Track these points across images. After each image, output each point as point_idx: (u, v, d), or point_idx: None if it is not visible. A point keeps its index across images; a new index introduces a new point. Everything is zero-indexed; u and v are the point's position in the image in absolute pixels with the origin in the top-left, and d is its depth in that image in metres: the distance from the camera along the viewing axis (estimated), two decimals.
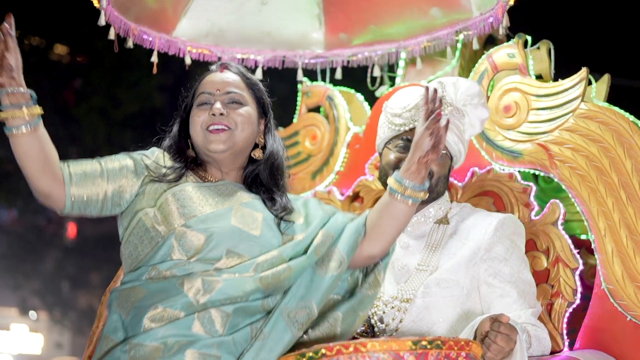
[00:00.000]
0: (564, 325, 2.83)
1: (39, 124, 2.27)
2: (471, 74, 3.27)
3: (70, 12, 8.80)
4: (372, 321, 2.77)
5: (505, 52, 3.19)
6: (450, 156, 2.86)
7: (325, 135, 3.70)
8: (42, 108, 2.29)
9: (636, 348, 2.74)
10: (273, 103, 2.67)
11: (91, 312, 11.75)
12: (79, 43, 10.24)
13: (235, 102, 2.53)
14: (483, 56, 3.26)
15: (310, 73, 3.80)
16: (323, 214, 2.54)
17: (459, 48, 3.47)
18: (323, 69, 3.76)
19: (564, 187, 2.97)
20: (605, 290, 2.80)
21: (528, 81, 3.11)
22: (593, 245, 2.86)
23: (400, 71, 3.64)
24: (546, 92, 3.06)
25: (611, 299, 2.78)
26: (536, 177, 3.26)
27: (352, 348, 2.08)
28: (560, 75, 3.11)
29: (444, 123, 2.41)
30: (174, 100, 2.69)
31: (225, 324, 2.28)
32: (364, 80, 3.78)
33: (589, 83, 3.02)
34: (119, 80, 9.88)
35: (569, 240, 2.90)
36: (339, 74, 3.67)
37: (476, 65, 3.27)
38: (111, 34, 3.22)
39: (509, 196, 3.04)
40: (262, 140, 2.59)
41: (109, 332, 2.32)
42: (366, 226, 2.50)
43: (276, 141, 2.61)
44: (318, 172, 3.67)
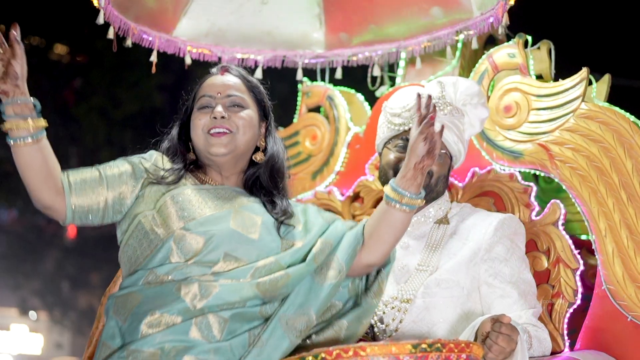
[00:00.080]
0: (565, 326, 2.82)
1: (43, 135, 2.26)
2: (471, 74, 3.27)
3: (70, 12, 8.80)
4: (372, 321, 2.76)
5: (505, 52, 3.19)
6: (450, 156, 2.86)
7: (326, 135, 3.69)
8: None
9: (637, 348, 2.74)
10: (273, 103, 2.67)
11: (91, 312, 11.74)
12: (78, 43, 10.25)
13: (237, 105, 2.52)
14: (483, 56, 3.26)
15: (310, 73, 3.80)
16: (322, 222, 2.54)
17: (459, 48, 3.47)
18: (323, 69, 3.76)
19: (564, 188, 2.97)
20: (606, 290, 2.79)
21: (528, 81, 3.11)
22: (594, 245, 2.86)
23: (400, 71, 3.63)
24: (547, 92, 3.05)
25: (612, 300, 2.78)
26: (536, 178, 3.26)
27: (352, 352, 2.07)
28: (560, 75, 3.11)
29: (438, 128, 2.41)
30: (174, 100, 2.69)
31: (222, 330, 2.27)
32: (364, 80, 3.77)
33: (590, 83, 3.02)
34: (119, 80, 9.89)
35: (570, 241, 2.89)
36: (339, 73, 3.67)
37: (476, 65, 3.27)
38: (110, 34, 3.22)
39: (509, 196, 3.04)
40: (263, 143, 2.58)
41: (106, 339, 2.31)
42: (364, 235, 2.50)
43: (277, 144, 2.60)
44: (318, 172, 3.67)
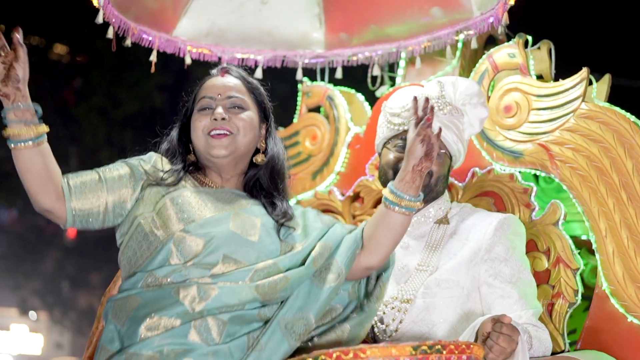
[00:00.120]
0: (565, 326, 2.82)
1: (44, 139, 2.25)
2: (472, 74, 3.26)
3: (70, 12, 8.80)
4: (372, 322, 2.76)
5: (505, 52, 3.19)
6: (449, 156, 2.86)
7: (326, 135, 3.69)
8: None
9: (637, 349, 2.74)
10: (273, 103, 2.67)
11: (91, 312, 11.74)
12: (78, 43, 10.25)
13: (237, 107, 2.52)
14: (484, 56, 3.25)
15: (310, 73, 3.80)
16: (321, 226, 2.53)
17: (459, 48, 3.47)
18: (323, 69, 3.76)
19: (564, 188, 2.96)
20: (606, 291, 2.79)
21: (529, 81, 3.11)
22: (594, 245, 2.85)
23: (400, 71, 3.63)
24: (547, 92, 3.05)
25: (612, 300, 2.77)
26: (537, 178, 3.25)
27: (352, 354, 2.06)
28: (561, 75, 3.11)
29: (436, 129, 2.41)
30: (174, 100, 2.68)
31: (221, 333, 2.27)
32: (364, 80, 3.77)
33: (590, 83, 3.01)
34: (119, 80, 9.89)
35: (570, 241, 2.89)
36: (340, 73, 3.67)
37: (477, 65, 3.27)
38: (109, 33, 3.21)
39: (509, 196, 3.04)
40: (264, 145, 2.58)
41: (105, 343, 2.31)
42: (363, 237, 2.50)
43: (277, 145, 2.60)
44: (318, 173, 3.66)
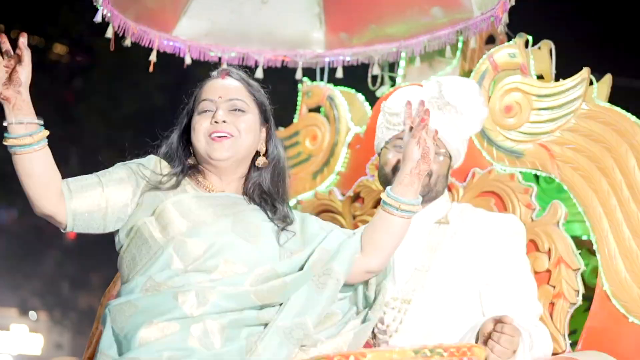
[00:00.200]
0: (566, 327, 2.82)
1: (44, 143, 2.24)
2: (472, 74, 3.26)
3: (70, 12, 8.80)
4: None
5: (506, 52, 3.18)
6: (449, 155, 2.85)
7: (326, 135, 3.69)
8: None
9: (638, 349, 2.74)
10: (273, 103, 2.66)
11: (91, 313, 11.69)
12: (78, 42, 10.24)
13: (238, 110, 2.50)
14: (484, 56, 3.25)
15: (310, 73, 3.79)
16: (320, 232, 2.53)
17: (459, 48, 3.46)
18: (322, 69, 3.75)
19: (565, 188, 2.96)
20: (608, 291, 2.79)
21: (529, 81, 3.10)
22: (595, 246, 2.85)
23: (400, 71, 3.63)
24: (547, 92, 3.05)
25: (613, 300, 2.77)
26: (537, 178, 3.25)
27: (353, 358, 2.06)
28: (561, 75, 3.10)
29: (432, 132, 2.40)
30: (174, 100, 2.67)
31: (221, 337, 2.26)
32: (364, 80, 3.77)
33: (591, 83, 3.01)
34: (119, 80, 9.88)
35: (571, 241, 2.89)
36: (340, 73, 3.66)
37: (477, 65, 3.26)
38: (109, 33, 3.20)
39: (510, 197, 3.03)
40: (264, 147, 2.57)
41: (104, 349, 2.30)
42: (362, 242, 2.49)
43: (278, 148, 2.59)
44: (319, 173, 3.66)
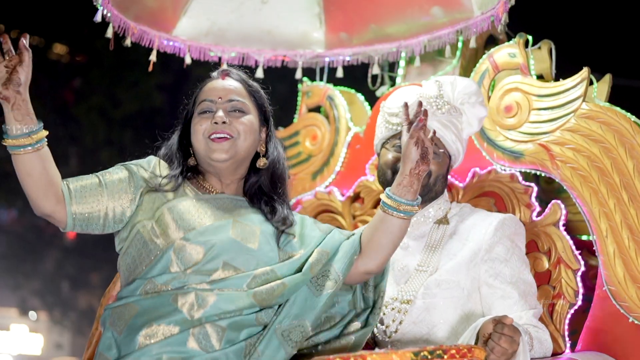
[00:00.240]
0: (566, 327, 2.82)
1: (43, 143, 2.24)
2: (472, 74, 3.26)
3: (70, 12, 8.79)
4: None
5: (506, 52, 3.18)
6: (448, 155, 2.85)
7: (326, 135, 3.69)
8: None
9: (638, 350, 2.73)
10: (273, 103, 2.66)
11: (91, 313, 11.73)
12: (78, 42, 10.24)
13: (238, 111, 2.50)
14: (484, 56, 3.25)
15: (310, 73, 3.79)
16: (319, 234, 2.53)
17: (459, 48, 3.46)
18: (322, 69, 3.75)
19: (565, 188, 2.96)
20: (607, 291, 2.79)
21: (529, 81, 3.10)
22: (595, 246, 2.85)
23: (400, 71, 3.63)
24: (547, 92, 3.05)
25: (613, 301, 2.77)
26: (537, 178, 3.25)
27: None
28: (561, 75, 3.10)
29: (430, 132, 2.40)
30: (174, 100, 2.67)
31: (221, 339, 2.27)
32: (364, 80, 3.77)
33: (591, 83, 3.01)
34: (119, 79, 9.88)
35: (571, 241, 2.88)
36: (341, 72, 3.66)
37: (477, 65, 3.27)
38: (109, 33, 3.20)
39: (510, 197, 3.03)
40: (264, 149, 2.57)
41: (103, 350, 2.31)
42: (362, 242, 2.49)
43: (277, 149, 2.59)
44: (318, 173, 3.66)
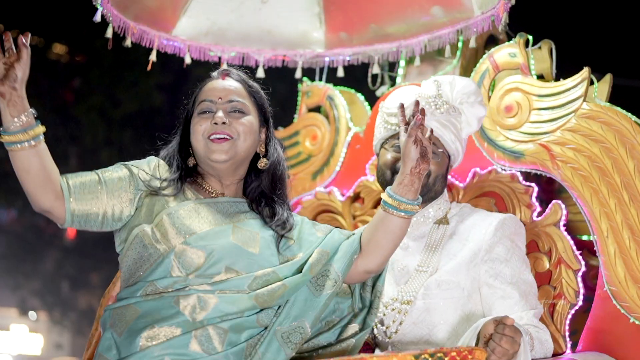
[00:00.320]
0: (566, 327, 2.81)
1: (40, 139, 2.23)
2: (472, 74, 3.25)
3: (69, 12, 8.79)
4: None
5: (506, 52, 3.18)
6: (447, 155, 2.85)
7: (326, 135, 3.68)
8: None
9: (639, 350, 2.73)
10: (273, 103, 2.65)
11: (91, 313, 11.73)
12: (77, 42, 10.24)
13: (238, 111, 2.50)
14: (484, 56, 3.25)
15: (310, 73, 3.79)
16: (318, 236, 2.53)
17: (460, 48, 3.46)
18: (322, 68, 3.75)
19: (565, 188, 2.95)
20: (608, 291, 2.78)
21: (529, 81, 3.10)
22: (595, 246, 2.84)
23: (400, 71, 3.62)
24: (548, 92, 3.04)
25: (614, 301, 2.76)
26: (538, 178, 3.24)
27: None
28: (562, 75, 3.09)
29: (428, 131, 2.40)
30: (173, 100, 2.67)
31: (223, 341, 2.27)
32: (364, 80, 3.76)
33: (591, 83, 3.00)
34: (118, 79, 9.87)
35: (571, 242, 2.88)
36: (341, 72, 3.66)
37: (477, 64, 3.26)
38: (108, 33, 3.19)
39: (510, 197, 3.03)
40: (263, 149, 2.56)
41: (102, 351, 2.30)
42: (362, 242, 2.49)
43: (277, 150, 2.59)
44: (318, 173, 3.65)
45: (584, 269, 2.86)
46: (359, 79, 3.86)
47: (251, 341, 2.31)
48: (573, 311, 2.82)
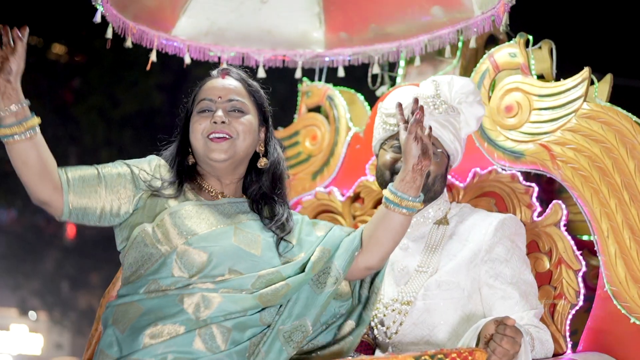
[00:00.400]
0: (567, 327, 2.81)
1: (36, 131, 2.24)
2: (472, 74, 3.25)
3: (69, 12, 8.79)
4: (373, 324, 2.75)
5: (506, 52, 3.17)
6: (447, 155, 2.84)
7: (326, 135, 3.68)
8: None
9: (639, 350, 2.72)
10: (273, 103, 2.65)
11: (91, 313, 11.74)
12: (77, 42, 10.24)
13: (237, 110, 2.50)
14: (484, 56, 3.24)
15: (310, 73, 3.78)
16: (318, 235, 2.54)
17: (460, 48, 3.45)
18: (322, 68, 3.74)
19: (566, 188, 2.95)
20: (609, 292, 2.78)
21: (530, 81, 3.09)
22: (596, 246, 2.84)
23: (400, 71, 3.62)
24: (548, 92, 3.04)
25: (614, 301, 2.76)
26: (538, 178, 3.24)
27: None
28: (562, 75, 3.09)
29: (427, 129, 2.40)
30: (173, 100, 2.67)
31: (226, 340, 2.28)
32: (364, 80, 3.76)
33: (591, 83, 3.00)
34: (118, 79, 9.88)
35: (572, 242, 2.88)
36: (342, 72, 3.65)
37: (477, 64, 3.25)
38: (109, 34, 3.19)
39: (510, 197, 3.02)
40: (263, 149, 2.56)
41: (104, 347, 2.30)
42: (363, 238, 2.49)
43: (277, 150, 2.59)
44: (318, 173, 3.65)
45: (584, 269, 2.85)
46: (359, 79, 3.86)
47: (254, 340, 2.32)
48: (573, 311, 2.82)
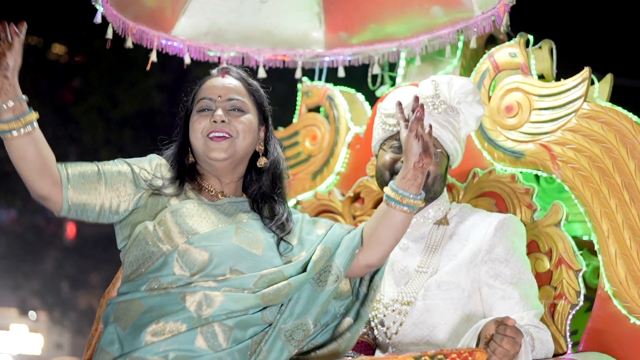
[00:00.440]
0: (567, 328, 2.81)
1: (34, 127, 2.23)
2: (473, 74, 3.25)
3: (69, 12, 8.78)
4: (373, 324, 2.75)
5: (506, 52, 3.17)
6: (446, 155, 2.84)
7: (326, 135, 3.68)
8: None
9: (639, 351, 2.72)
10: (273, 103, 2.65)
11: (91, 313, 11.74)
12: (77, 42, 10.24)
13: (237, 110, 2.50)
14: (485, 56, 3.24)
15: (310, 73, 3.78)
16: (318, 234, 2.54)
17: (460, 48, 3.45)
18: (322, 68, 3.74)
19: (566, 188, 2.94)
20: (609, 292, 2.78)
21: (530, 81, 3.09)
22: (596, 246, 2.84)
23: (400, 71, 3.62)
24: (548, 92, 3.03)
25: (615, 301, 2.76)
26: (538, 178, 3.24)
27: None
28: (562, 75, 3.09)
29: (426, 128, 2.40)
30: (173, 100, 2.67)
31: (228, 338, 2.28)
32: (364, 80, 3.76)
33: (592, 83, 3.00)
34: (118, 79, 9.87)
35: (572, 242, 2.87)
36: (342, 72, 3.65)
37: (478, 64, 3.25)
38: (109, 34, 3.19)
39: (510, 197, 3.02)
40: (262, 148, 2.56)
41: (105, 345, 2.30)
42: (363, 236, 2.50)
43: (277, 149, 2.59)
44: (318, 173, 3.65)
45: (584, 269, 2.85)
46: (359, 79, 3.85)
47: (256, 338, 2.32)
48: (574, 311, 2.81)
